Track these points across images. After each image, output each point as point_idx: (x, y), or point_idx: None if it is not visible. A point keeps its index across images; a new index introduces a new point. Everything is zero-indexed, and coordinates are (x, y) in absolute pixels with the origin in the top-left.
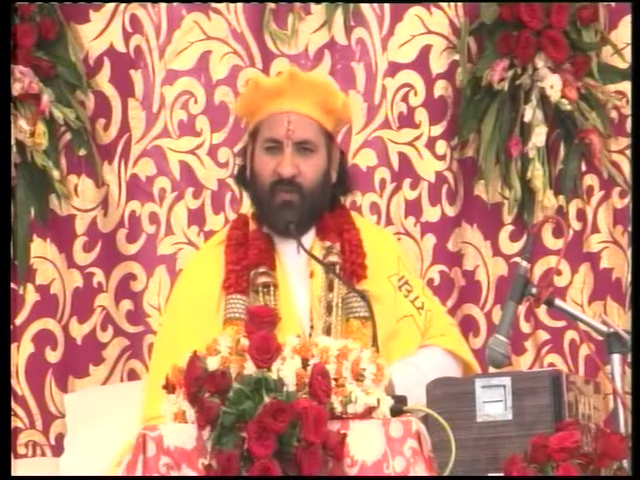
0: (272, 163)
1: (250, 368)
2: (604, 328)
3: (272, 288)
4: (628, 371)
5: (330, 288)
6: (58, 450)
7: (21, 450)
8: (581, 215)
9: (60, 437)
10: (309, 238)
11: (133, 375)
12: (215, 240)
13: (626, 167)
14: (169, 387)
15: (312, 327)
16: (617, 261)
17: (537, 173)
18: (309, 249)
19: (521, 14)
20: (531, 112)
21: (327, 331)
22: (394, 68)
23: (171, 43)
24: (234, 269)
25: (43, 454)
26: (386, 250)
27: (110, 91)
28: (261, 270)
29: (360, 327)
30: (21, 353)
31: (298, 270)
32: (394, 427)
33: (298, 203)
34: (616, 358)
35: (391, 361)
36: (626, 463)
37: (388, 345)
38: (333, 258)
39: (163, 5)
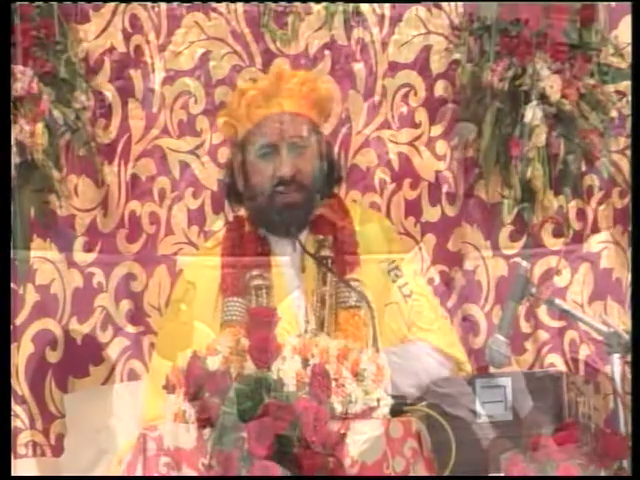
0: (269, 168)
1: (250, 368)
2: (604, 328)
3: (265, 290)
4: (628, 371)
5: (324, 281)
6: (58, 450)
7: (21, 450)
8: (581, 215)
9: (60, 437)
10: (303, 234)
11: (133, 375)
12: (212, 242)
13: (626, 167)
14: (169, 387)
15: (307, 322)
16: (617, 261)
17: (537, 173)
18: (303, 245)
19: (521, 14)
20: (531, 112)
21: (321, 324)
22: (394, 68)
23: (171, 43)
24: (230, 272)
25: (43, 454)
26: (380, 234)
27: (110, 91)
28: (255, 273)
29: (349, 317)
30: (21, 353)
31: (294, 266)
32: (394, 427)
33: (301, 202)
34: (616, 358)
35: None
36: (626, 463)
37: None
38: (325, 252)
39: (163, 5)
